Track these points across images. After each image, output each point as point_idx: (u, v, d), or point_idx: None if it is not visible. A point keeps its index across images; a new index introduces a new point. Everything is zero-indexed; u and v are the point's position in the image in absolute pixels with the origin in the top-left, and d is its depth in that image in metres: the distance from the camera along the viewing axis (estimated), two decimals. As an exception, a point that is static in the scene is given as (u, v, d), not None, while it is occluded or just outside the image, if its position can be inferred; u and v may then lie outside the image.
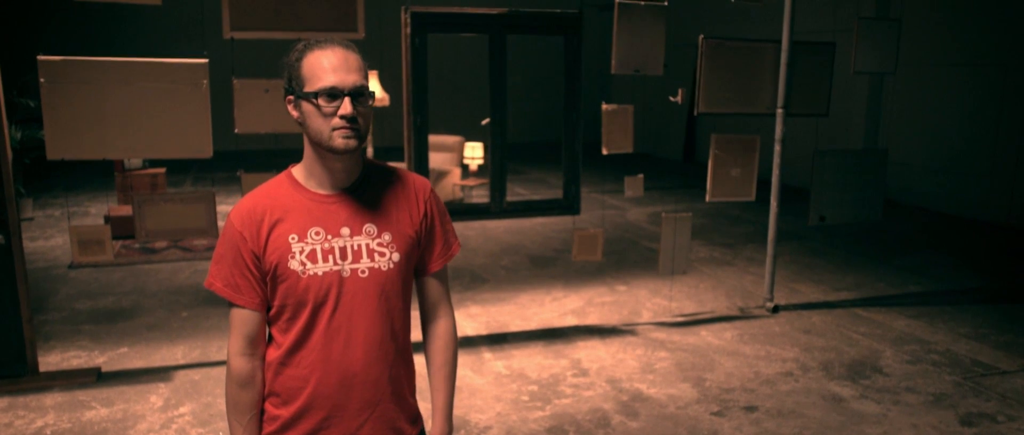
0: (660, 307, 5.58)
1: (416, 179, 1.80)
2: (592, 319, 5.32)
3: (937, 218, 8.99)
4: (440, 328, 1.86)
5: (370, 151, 8.67)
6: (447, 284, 1.88)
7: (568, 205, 5.06)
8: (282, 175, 1.72)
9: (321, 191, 1.68)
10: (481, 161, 9.17)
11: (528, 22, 4.81)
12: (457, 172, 9.21)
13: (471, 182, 9.11)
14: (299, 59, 1.61)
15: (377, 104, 7.64)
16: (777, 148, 5.35)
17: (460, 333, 4.97)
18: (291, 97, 1.63)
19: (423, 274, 1.82)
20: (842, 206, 5.62)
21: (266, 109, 4.41)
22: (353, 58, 1.61)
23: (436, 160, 8.88)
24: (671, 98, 5.24)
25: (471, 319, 5.26)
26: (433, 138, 9.02)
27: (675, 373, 4.42)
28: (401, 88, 4.66)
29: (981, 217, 8.85)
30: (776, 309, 5.49)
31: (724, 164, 5.32)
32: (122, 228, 6.72)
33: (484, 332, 5.04)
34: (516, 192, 10.39)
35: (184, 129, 4.20)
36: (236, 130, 4.40)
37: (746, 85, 5.27)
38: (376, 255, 1.68)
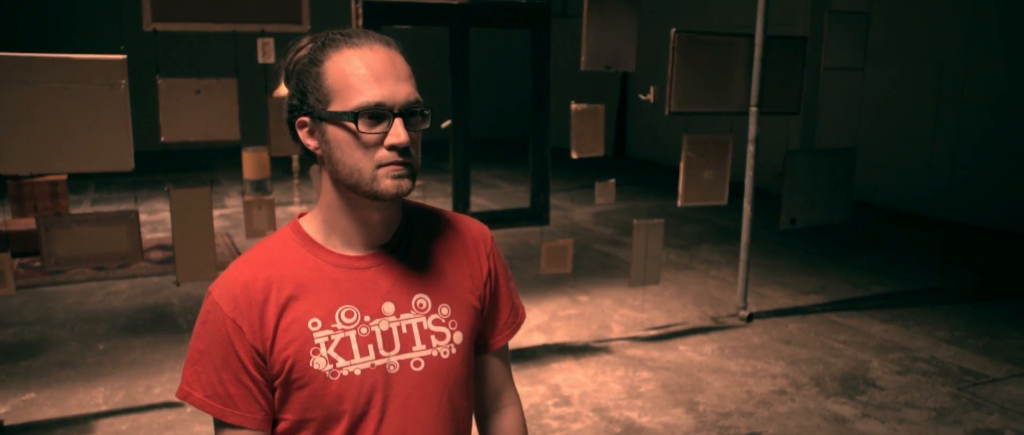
0: (629, 319, 5.23)
1: (472, 226, 1.34)
2: (560, 336, 4.92)
3: (879, 213, 8.98)
4: (507, 421, 1.39)
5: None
6: (509, 361, 1.42)
7: (536, 215, 4.65)
8: (286, 229, 1.22)
9: (349, 252, 1.20)
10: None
11: (492, 14, 4.36)
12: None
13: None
14: (318, 62, 1.12)
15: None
16: (750, 148, 5.06)
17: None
18: (305, 119, 1.14)
19: (483, 351, 1.35)
20: (811, 208, 5.39)
21: (198, 113, 3.82)
22: (399, 60, 1.14)
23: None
24: (642, 96, 4.88)
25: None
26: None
27: (664, 397, 4.06)
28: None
29: (920, 211, 8.89)
30: (751, 318, 5.21)
31: (696, 166, 5.00)
32: (21, 244, 5.95)
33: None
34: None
35: (99, 137, 3.57)
36: (162, 138, 3.80)
37: (718, 82, 4.95)
38: (433, 338, 1.21)
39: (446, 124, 4.45)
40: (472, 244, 1.30)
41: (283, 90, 8.63)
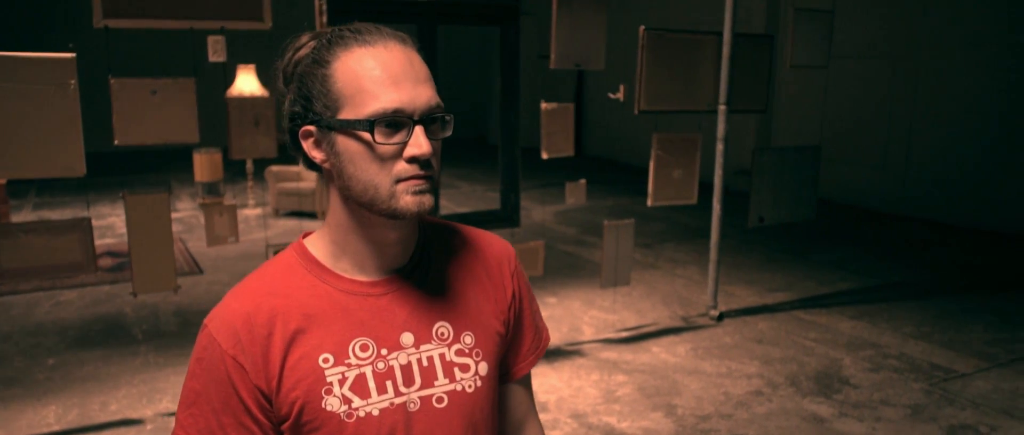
0: (600, 321, 5.16)
1: (495, 243, 1.21)
2: (532, 339, 4.82)
3: (837, 209, 9.08)
4: None
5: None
6: (532, 389, 1.30)
7: (507, 217, 4.55)
8: (289, 252, 1.09)
9: (362, 277, 1.07)
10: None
11: (461, 11, 4.24)
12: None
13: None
14: (325, 63, 0.99)
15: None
16: (719, 147, 5.04)
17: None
18: (310, 129, 1.01)
19: (505, 380, 1.23)
20: (778, 206, 5.39)
21: (154, 114, 3.63)
22: (417, 59, 1.01)
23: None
24: (611, 95, 4.81)
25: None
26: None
27: (641, 401, 3.99)
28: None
29: (876, 208, 9.01)
30: (721, 317, 5.19)
31: (666, 165, 4.95)
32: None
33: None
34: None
35: (47, 141, 3.36)
36: (116, 142, 3.60)
37: (687, 80, 4.91)
38: (457, 371, 1.09)
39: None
40: (495, 263, 1.18)
41: (239, 88, 8.27)
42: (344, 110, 0.97)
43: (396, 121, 0.97)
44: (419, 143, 0.97)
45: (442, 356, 1.08)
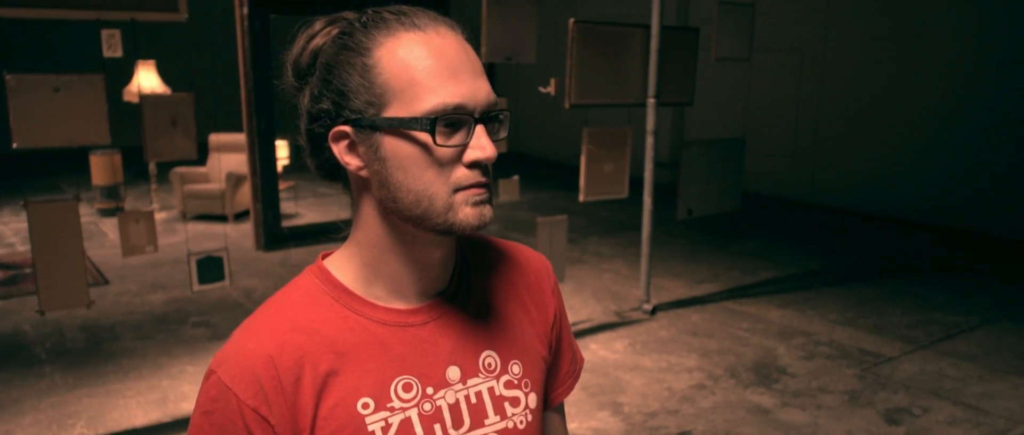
0: (535, 319, 5.07)
1: (532, 257, 1.08)
2: (467, 341, 4.69)
3: (750, 199, 9.26)
4: None
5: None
6: (565, 417, 1.18)
7: (441, 215, 4.39)
8: (309, 277, 0.93)
9: (399, 304, 0.92)
10: (286, 161, 8.15)
11: (389, 3, 4.06)
12: (259, 175, 8.11)
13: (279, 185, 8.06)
14: (364, 50, 0.83)
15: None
16: (649, 140, 5.02)
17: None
18: (346, 129, 0.85)
19: (544, 408, 1.09)
20: (705, 198, 5.43)
21: (58, 114, 3.31)
22: (471, 49, 0.87)
23: (230, 162, 7.77)
24: (541, 89, 4.71)
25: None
26: (226, 137, 7.90)
27: (586, 400, 3.92)
28: (239, 85, 3.74)
29: (785, 196, 9.27)
30: (654, 311, 5.18)
31: (597, 159, 4.90)
32: None
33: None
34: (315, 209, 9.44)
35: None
36: (15, 144, 3.27)
37: (616, 73, 4.87)
38: (507, 405, 0.96)
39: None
40: (536, 280, 1.05)
41: (135, 85, 7.74)
42: (392, 106, 0.82)
43: (456, 120, 0.83)
44: (483, 145, 0.83)
45: (491, 390, 0.94)
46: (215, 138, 8.04)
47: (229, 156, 7.88)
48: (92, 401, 3.81)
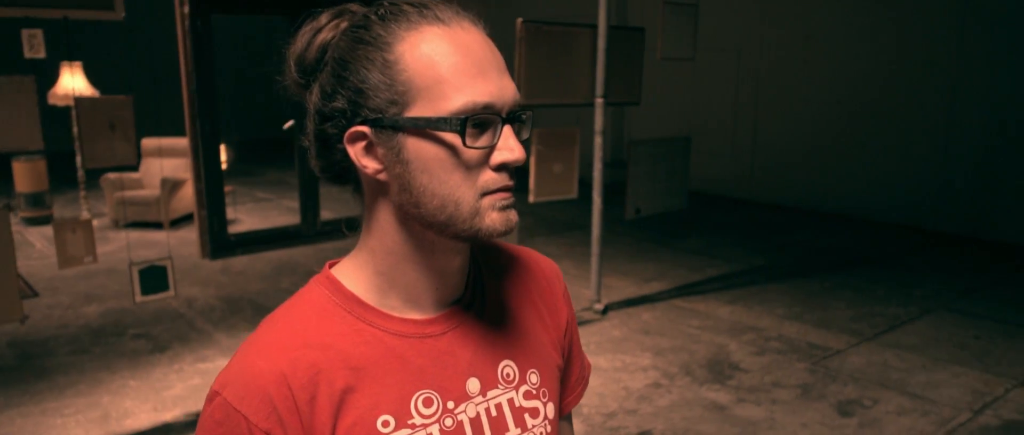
0: (487, 322, 5.02)
1: (542, 261, 1.04)
2: (420, 346, 4.61)
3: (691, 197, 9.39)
4: None
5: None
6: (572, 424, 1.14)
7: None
8: (317, 288, 0.86)
9: (415, 314, 0.87)
10: (225, 165, 7.91)
11: (334, 3, 3.96)
12: (195, 180, 7.87)
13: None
14: (384, 45, 0.78)
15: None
16: (598, 140, 5.02)
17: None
18: (363, 129, 0.79)
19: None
20: (653, 196, 5.46)
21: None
22: (494, 45, 0.82)
23: (169, 168, 7.51)
24: (285, 126, 4.63)
25: (279, 365, 4.30)
26: (163, 142, 7.64)
27: (544, 402, 3.89)
28: (181, 88, 3.59)
29: (724, 193, 9.42)
30: (606, 310, 5.19)
31: (546, 160, 4.88)
32: None
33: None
34: (260, 211, 9.21)
35: None
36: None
37: (564, 73, 4.85)
38: (527, 417, 0.91)
39: (289, 125, 4.01)
40: (547, 285, 1.01)
41: (61, 88, 7.42)
42: (416, 105, 0.77)
43: (484, 120, 0.77)
44: (511, 146, 0.79)
45: (511, 402, 0.90)
46: (148, 142, 7.77)
47: (164, 161, 7.62)
48: (27, 421, 3.61)
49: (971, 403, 3.91)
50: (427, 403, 0.84)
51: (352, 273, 0.86)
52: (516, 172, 0.83)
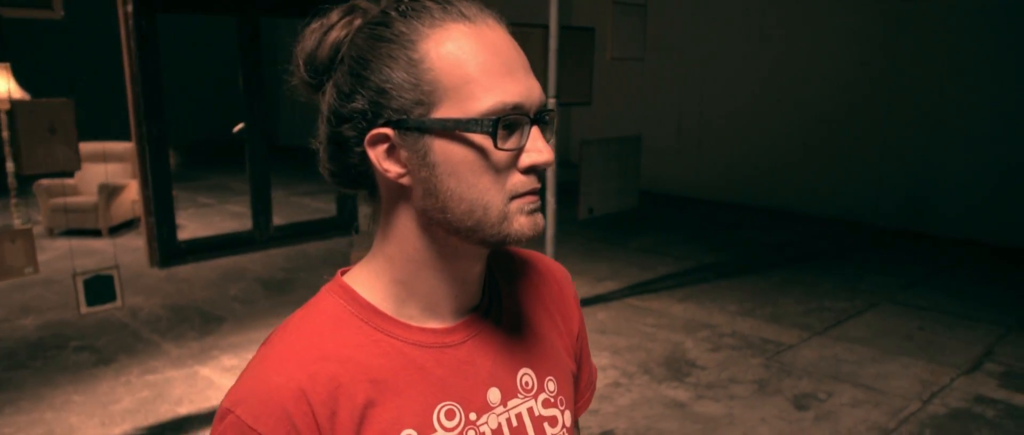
0: (442, 325, 4.97)
1: (552, 265, 1.01)
2: (375, 351, 4.54)
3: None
4: None
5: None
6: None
7: (345, 224, 4.23)
8: (331, 297, 0.82)
9: (433, 323, 0.83)
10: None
11: (286, 2, 3.87)
12: (134, 186, 7.62)
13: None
14: (407, 42, 0.74)
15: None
16: (552, 140, 5.00)
17: (222, 390, 3.90)
18: (387, 132, 0.75)
19: None
20: (605, 196, 5.48)
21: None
22: (515, 42, 0.79)
23: (106, 173, 7.26)
24: (235, 129, 4.59)
25: (231, 374, 4.19)
26: (96, 146, 7.38)
27: (505, 405, 3.86)
28: (125, 90, 3.46)
29: (671, 191, 9.53)
30: (562, 310, 5.18)
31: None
32: None
33: (257, 391, 4.01)
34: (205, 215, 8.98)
35: None
36: None
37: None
38: (546, 426, 0.89)
39: (239, 127, 3.91)
40: (558, 290, 0.98)
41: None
42: (443, 106, 0.73)
43: (513, 121, 0.74)
44: (540, 148, 0.77)
45: (530, 411, 0.87)
46: (83, 147, 7.48)
47: (100, 166, 7.36)
48: (-37, 441, 3.44)
49: (920, 393, 4.01)
50: (449, 415, 0.81)
51: (367, 281, 0.82)
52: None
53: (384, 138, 0.76)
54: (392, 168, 0.76)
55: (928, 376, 4.22)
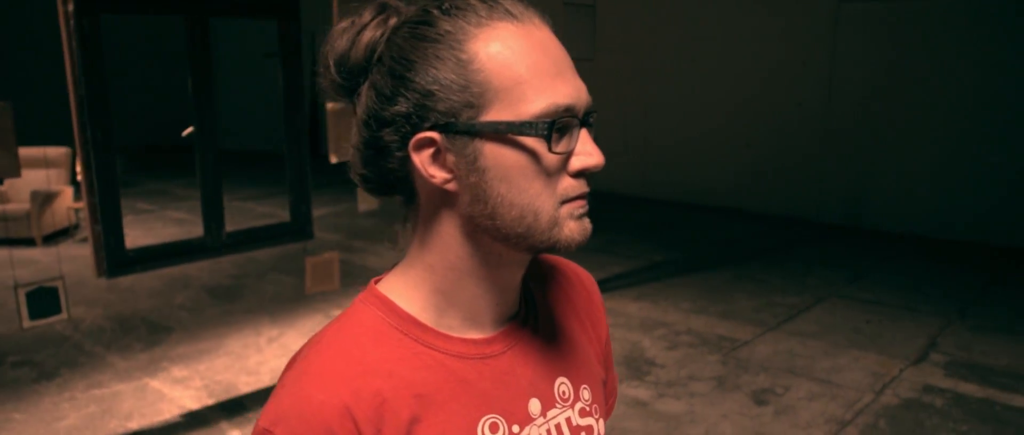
0: (398, 330, 4.90)
1: (579, 270, 0.99)
2: (331, 358, 4.44)
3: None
4: None
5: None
6: None
7: (299, 229, 4.13)
8: (368, 309, 0.78)
9: (473, 333, 0.80)
10: (101, 177, 7.40)
11: (235, 2, 3.76)
12: (69, 192, 7.35)
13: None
14: (454, 42, 0.71)
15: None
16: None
17: (174, 403, 3.78)
18: (433, 135, 0.71)
19: None
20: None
21: None
22: (558, 41, 0.77)
23: (38, 179, 6.98)
24: (184, 133, 4.50)
25: (183, 386, 4.05)
26: (33, 151, 7.10)
27: (468, 409, 3.82)
28: (68, 94, 3.30)
29: (617, 191, 9.61)
30: (518, 312, 5.16)
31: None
32: None
33: (211, 401, 3.89)
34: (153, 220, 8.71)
35: None
36: None
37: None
38: None
39: (188, 131, 3.78)
40: (587, 296, 0.96)
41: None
42: (494, 108, 0.70)
43: (565, 124, 0.72)
44: (590, 150, 0.74)
45: (569, 421, 0.85)
46: (22, 152, 7.18)
47: (29, 172, 7.07)
48: None
49: (872, 384, 4.10)
50: (493, 428, 0.78)
51: (405, 292, 0.79)
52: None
53: (430, 142, 0.72)
54: (438, 174, 0.73)
55: (878, 368, 4.32)
